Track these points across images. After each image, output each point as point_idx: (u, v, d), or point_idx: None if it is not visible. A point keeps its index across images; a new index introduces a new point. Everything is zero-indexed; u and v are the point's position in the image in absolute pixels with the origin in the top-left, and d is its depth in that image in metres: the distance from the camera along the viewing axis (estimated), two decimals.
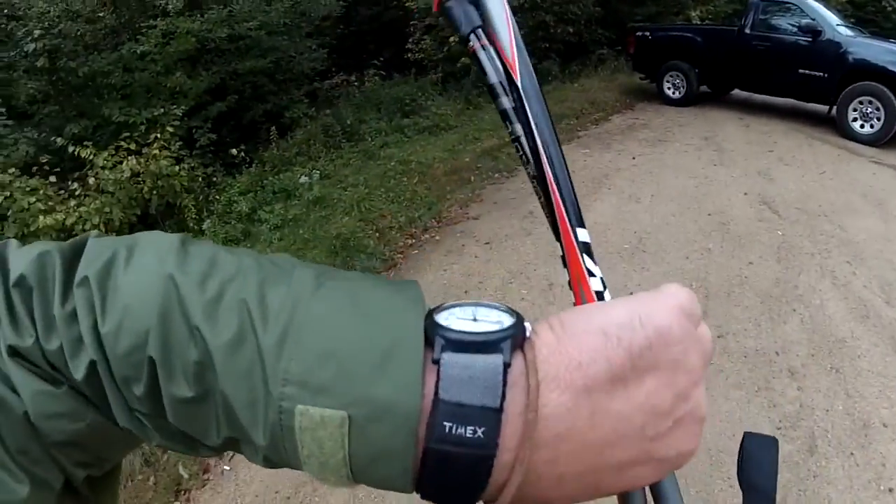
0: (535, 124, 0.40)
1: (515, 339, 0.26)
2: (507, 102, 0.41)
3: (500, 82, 0.41)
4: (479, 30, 0.42)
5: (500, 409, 0.24)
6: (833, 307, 3.40)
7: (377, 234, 4.34)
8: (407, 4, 11.09)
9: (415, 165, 5.74)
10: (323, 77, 9.88)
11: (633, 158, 5.92)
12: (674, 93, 8.61)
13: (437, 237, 4.35)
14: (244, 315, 0.26)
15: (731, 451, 2.28)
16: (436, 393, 0.24)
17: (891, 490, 2.25)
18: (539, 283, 3.51)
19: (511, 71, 0.41)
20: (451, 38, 10.41)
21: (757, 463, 0.33)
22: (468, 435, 0.23)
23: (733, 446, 2.19)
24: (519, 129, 0.41)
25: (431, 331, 0.26)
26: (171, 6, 7.09)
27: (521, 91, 0.40)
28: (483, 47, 0.42)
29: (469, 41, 0.42)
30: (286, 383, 0.25)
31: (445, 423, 0.23)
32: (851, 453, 2.40)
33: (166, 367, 0.26)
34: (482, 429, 0.23)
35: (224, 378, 0.26)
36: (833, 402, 2.66)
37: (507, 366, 0.24)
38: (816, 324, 3.23)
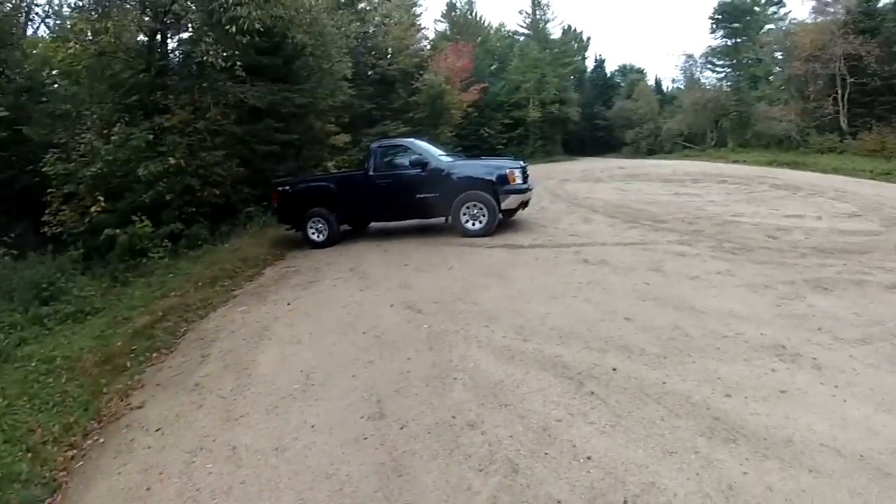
0: None
1: None
2: None
3: None
4: None
5: None
6: (485, 362, 4.13)
7: (29, 455, 3.65)
8: (44, 170, 9.92)
9: (61, 361, 5.14)
10: None
11: (289, 304, 6.33)
12: (318, 237, 9.57)
13: (102, 439, 3.94)
14: None
15: None
16: None
17: (589, 458, 2.87)
18: (222, 451, 3.47)
19: None
20: (93, 208, 9.65)
21: None
22: None
23: None
24: None
25: None
26: None
27: None
28: None
29: None
30: None
31: None
32: (546, 453, 2.95)
33: None
34: None
35: None
36: (514, 428, 3.22)
37: None
38: (476, 380, 3.87)
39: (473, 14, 48.74)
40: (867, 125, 22.85)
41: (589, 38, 53.86)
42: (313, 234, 9.65)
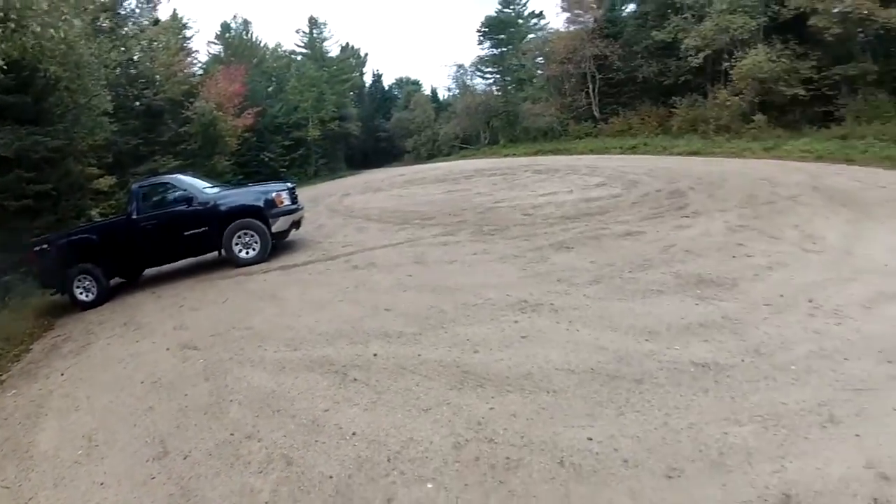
0: None
1: None
2: None
3: None
4: None
5: None
6: (258, 379, 4.35)
7: None
8: None
9: None
10: None
11: (62, 374, 5.90)
12: (87, 296, 8.79)
13: None
14: None
15: None
16: None
17: (354, 434, 3.18)
18: None
19: None
20: None
21: None
22: None
23: None
24: None
25: None
26: None
27: None
28: None
29: None
30: None
31: None
32: (316, 440, 3.22)
33: None
34: None
35: None
36: (287, 428, 3.47)
37: None
38: (251, 397, 4.06)
39: (249, 35, 47.70)
40: (615, 111, 28.67)
41: (367, 55, 55.64)
42: (81, 293, 8.81)
